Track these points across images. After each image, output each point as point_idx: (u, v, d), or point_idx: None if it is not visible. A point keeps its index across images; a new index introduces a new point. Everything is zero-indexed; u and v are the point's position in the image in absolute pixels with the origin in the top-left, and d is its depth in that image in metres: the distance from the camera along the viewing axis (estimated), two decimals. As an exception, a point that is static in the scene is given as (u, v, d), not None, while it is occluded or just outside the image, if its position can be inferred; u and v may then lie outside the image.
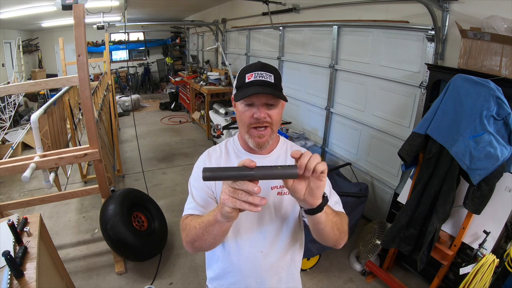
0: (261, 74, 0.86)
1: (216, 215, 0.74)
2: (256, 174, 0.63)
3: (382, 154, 2.85)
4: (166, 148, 5.12)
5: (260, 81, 0.85)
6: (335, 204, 0.96)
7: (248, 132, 0.89)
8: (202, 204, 0.93)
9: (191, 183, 0.98)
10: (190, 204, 0.95)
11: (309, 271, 2.41)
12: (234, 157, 0.99)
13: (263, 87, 0.84)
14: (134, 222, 2.42)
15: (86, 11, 1.94)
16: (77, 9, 1.79)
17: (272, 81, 0.86)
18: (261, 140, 0.89)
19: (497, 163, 1.53)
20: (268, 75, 0.86)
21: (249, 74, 0.86)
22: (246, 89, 0.85)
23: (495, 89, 1.54)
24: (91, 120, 2.06)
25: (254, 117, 0.86)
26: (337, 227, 0.84)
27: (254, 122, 0.87)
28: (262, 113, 0.85)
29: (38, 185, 3.62)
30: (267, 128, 0.88)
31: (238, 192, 0.64)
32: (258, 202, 0.64)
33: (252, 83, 0.85)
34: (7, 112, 5.04)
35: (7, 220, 1.28)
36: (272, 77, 0.86)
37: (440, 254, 1.88)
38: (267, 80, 0.85)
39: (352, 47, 3.03)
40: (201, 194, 0.94)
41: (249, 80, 0.86)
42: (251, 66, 0.90)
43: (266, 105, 0.86)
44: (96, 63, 8.86)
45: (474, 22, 1.87)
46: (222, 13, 6.11)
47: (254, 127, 0.88)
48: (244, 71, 0.89)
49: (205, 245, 0.85)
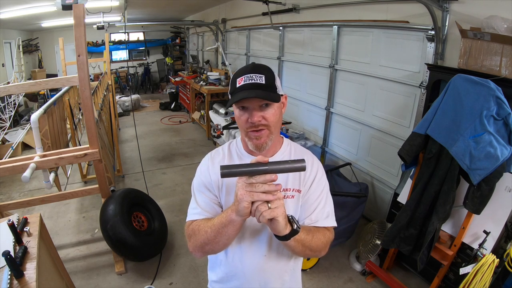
0: (251, 77, 0.84)
1: (230, 215, 0.77)
2: (270, 169, 0.71)
3: (382, 154, 2.85)
4: (166, 148, 5.12)
5: (249, 84, 0.84)
6: (326, 218, 0.94)
7: (247, 135, 0.89)
8: (206, 209, 0.93)
9: (195, 187, 0.97)
10: (195, 210, 0.94)
11: (309, 271, 2.41)
12: (237, 160, 0.98)
13: (251, 91, 0.83)
14: (134, 222, 2.42)
15: (86, 11, 1.94)
16: (77, 9, 1.79)
17: (263, 82, 0.84)
18: (259, 142, 0.88)
19: (497, 163, 1.53)
20: (258, 77, 0.84)
21: (239, 78, 0.85)
22: (236, 94, 0.84)
23: (495, 89, 1.54)
24: (91, 120, 2.06)
25: (249, 121, 0.86)
26: (310, 248, 0.87)
27: (250, 126, 0.86)
28: (255, 116, 0.85)
29: (38, 185, 3.62)
30: (264, 130, 0.87)
31: (255, 185, 0.71)
32: (275, 188, 0.71)
33: (243, 87, 0.84)
34: (7, 112, 5.04)
35: (7, 220, 1.28)
36: (263, 77, 0.85)
37: (440, 254, 1.88)
38: (257, 82, 0.84)
39: (352, 47, 3.03)
40: (205, 199, 0.94)
41: (239, 84, 0.85)
42: (241, 70, 0.88)
43: (260, 107, 0.85)
44: (96, 63, 8.85)
45: (474, 22, 1.87)
46: (222, 13, 6.11)
47: (251, 130, 0.87)
48: (235, 75, 0.88)
49: (217, 247, 0.87)
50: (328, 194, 0.99)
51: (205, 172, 0.96)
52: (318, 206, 0.94)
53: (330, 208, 0.97)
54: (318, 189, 0.96)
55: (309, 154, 1.02)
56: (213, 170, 0.95)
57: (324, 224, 0.94)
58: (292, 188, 0.94)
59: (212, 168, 0.96)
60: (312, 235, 0.87)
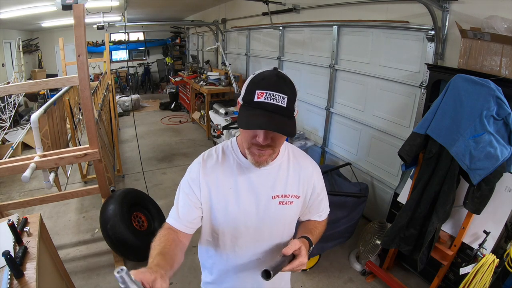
0: (273, 96, 0.74)
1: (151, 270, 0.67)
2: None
3: (382, 154, 2.85)
4: (166, 148, 5.12)
5: (270, 104, 0.74)
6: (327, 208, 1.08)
7: (249, 149, 0.84)
8: (182, 216, 0.91)
9: (181, 186, 0.95)
10: (173, 213, 0.93)
11: (309, 271, 2.41)
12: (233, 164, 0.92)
13: (270, 116, 0.74)
14: (134, 222, 2.42)
15: (86, 11, 1.94)
16: (77, 9, 1.79)
17: (284, 105, 0.75)
18: (260, 159, 0.83)
19: (497, 163, 1.53)
20: (281, 98, 0.74)
21: (259, 92, 0.75)
22: (252, 113, 0.75)
23: (495, 89, 1.54)
24: (91, 120, 2.06)
25: (257, 140, 0.79)
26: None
27: (255, 142, 0.81)
28: (265, 139, 0.78)
29: (38, 185, 3.62)
30: (269, 150, 0.83)
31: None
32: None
33: (260, 106, 0.75)
34: (7, 112, 5.04)
35: (7, 220, 1.28)
36: (286, 99, 0.75)
37: (440, 254, 1.88)
38: (278, 104, 0.74)
39: (352, 47, 3.03)
40: (186, 200, 0.92)
41: (258, 99, 0.75)
42: (264, 79, 0.77)
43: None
44: (96, 63, 8.84)
45: (474, 22, 1.87)
46: (222, 13, 6.11)
47: (255, 147, 0.83)
48: (256, 84, 0.77)
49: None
50: (325, 194, 1.06)
51: (194, 174, 0.92)
52: (322, 202, 1.04)
53: (325, 204, 1.08)
54: (318, 188, 1.01)
55: (307, 157, 1.02)
56: (204, 172, 0.91)
57: (327, 213, 1.08)
58: (291, 194, 0.94)
59: (204, 172, 0.91)
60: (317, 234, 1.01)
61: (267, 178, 0.92)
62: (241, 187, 0.91)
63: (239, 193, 0.91)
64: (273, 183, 0.92)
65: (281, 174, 0.93)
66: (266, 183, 0.92)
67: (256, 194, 0.91)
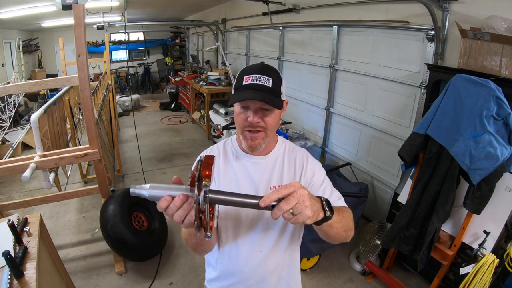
0: (259, 78, 0.85)
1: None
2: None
3: (382, 154, 2.85)
4: (166, 148, 5.12)
5: (256, 85, 0.84)
6: (338, 200, 0.95)
7: (242, 134, 0.91)
8: None
9: None
10: None
11: (309, 271, 2.41)
12: (232, 159, 0.99)
13: (258, 92, 0.83)
14: (134, 222, 2.42)
15: (86, 11, 1.94)
16: (77, 9, 1.79)
17: (270, 86, 0.85)
18: (253, 143, 0.90)
19: (497, 163, 1.53)
20: (266, 79, 0.85)
21: (247, 76, 0.86)
22: (241, 92, 0.85)
23: (495, 89, 1.54)
24: (91, 120, 2.06)
25: (248, 121, 0.86)
26: (343, 229, 0.83)
27: (247, 125, 0.88)
28: (255, 118, 0.86)
29: (38, 185, 3.62)
30: (261, 132, 0.89)
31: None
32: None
33: (248, 87, 0.85)
34: (7, 112, 5.03)
35: (7, 220, 1.28)
36: (271, 81, 0.85)
37: (440, 254, 1.88)
38: (264, 84, 0.84)
39: (352, 47, 3.03)
40: None
41: (246, 82, 0.85)
42: (251, 68, 0.89)
43: (261, 109, 0.87)
44: (96, 63, 8.84)
45: (474, 22, 1.87)
46: (222, 13, 6.11)
47: (247, 130, 0.89)
48: (243, 72, 0.89)
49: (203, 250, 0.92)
50: (332, 187, 0.98)
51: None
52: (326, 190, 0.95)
53: (338, 194, 0.97)
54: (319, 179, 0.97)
55: (304, 152, 1.03)
56: None
57: (340, 204, 0.92)
58: None
59: None
60: (341, 217, 0.82)
61: (264, 171, 0.97)
62: (240, 178, 0.96)
63: (239, 184, 0.95)
64: (270, 175, 0.96)
65: (277, 167, 0.98)
66: (263, 176, 0.96)
67: (254, 184, 0.95)
